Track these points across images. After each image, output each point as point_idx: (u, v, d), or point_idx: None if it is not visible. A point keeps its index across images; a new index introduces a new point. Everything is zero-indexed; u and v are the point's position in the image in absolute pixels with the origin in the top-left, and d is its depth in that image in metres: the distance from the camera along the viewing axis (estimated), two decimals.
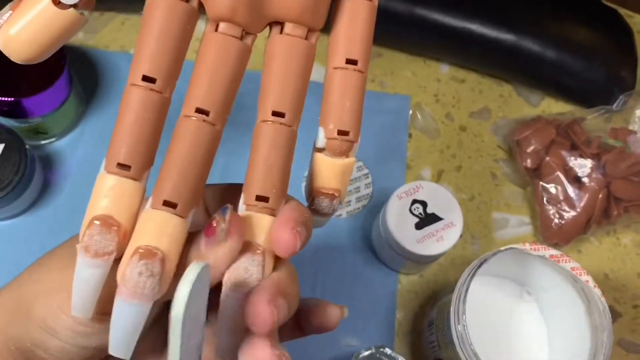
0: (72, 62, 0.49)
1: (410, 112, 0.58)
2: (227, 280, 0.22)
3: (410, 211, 0.46)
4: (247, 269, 0.22)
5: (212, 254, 0.22)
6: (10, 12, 0.23)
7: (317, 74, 0.26)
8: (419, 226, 0.46)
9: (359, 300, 0.50)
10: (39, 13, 0.22)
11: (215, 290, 0.23)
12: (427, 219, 0.46)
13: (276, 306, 0.22)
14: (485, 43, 0.56)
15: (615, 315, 0.52)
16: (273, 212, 0.23)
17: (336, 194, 0.25)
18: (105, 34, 0.57)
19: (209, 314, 0.25)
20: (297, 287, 0.24)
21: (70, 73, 0.49)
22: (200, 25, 0.22)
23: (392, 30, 0.57)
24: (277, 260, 0.24)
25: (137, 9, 0.58)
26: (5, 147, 0.45)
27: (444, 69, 0.60)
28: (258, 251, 0.23)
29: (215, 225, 0.21)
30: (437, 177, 0.55)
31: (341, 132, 0.24)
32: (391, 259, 0.50)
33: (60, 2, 0.22)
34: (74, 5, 0.22)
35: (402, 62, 0.60)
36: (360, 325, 0.49)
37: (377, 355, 0.44)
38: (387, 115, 0.57)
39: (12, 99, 0.45)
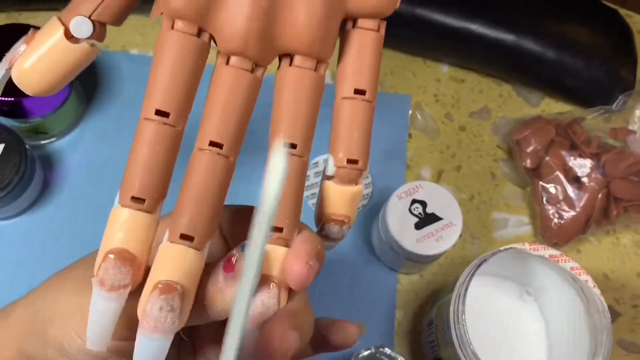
0: None
1: (410, 112, 0.58)
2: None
3: (410, 211, 0.46)
4: (263, 302, 0.23)
5: (230, 289, 0.22)
6: (25, 45, 0.23)
7: None
8: (418, 226, 0.46)
9: (358, 300, 0.50)
10: (51, 47, 0.23)
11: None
12: (426, 219, 0.46)
13: (287, 338, 0.22)
14: (485, 43, 0.56)
15: (614, 315, 0.52)
16: (287, 243, 0.24)
17: (346, 220, 0.26)
18: (106, 34, 0.57)
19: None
20: (310, 317, 0.25)
21: None
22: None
23: (392, 30, 0.57)
24: (291, 290, 0.24)
25: (137, 9, 0.58)
26: (5, 147, 0.45)
27: (444, 69, 0.60)
28: (273, 284, 0.23)
29: (234, 262, 0.22)
30: (437, 177, 0.55)
31: (350, 161, 0.25)
32: (391, 259, 0.50)
33: (72, 36, 0.23)
34: (86, 39, 0.23)
35: (402, 62, 0.60)
36: None
37: (377, 355, 0.44)
38: (387, 115, 0.57)
39: (13, 98, 0.45)
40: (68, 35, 0.23)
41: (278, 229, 0.24)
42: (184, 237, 0.22)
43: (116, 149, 0.52)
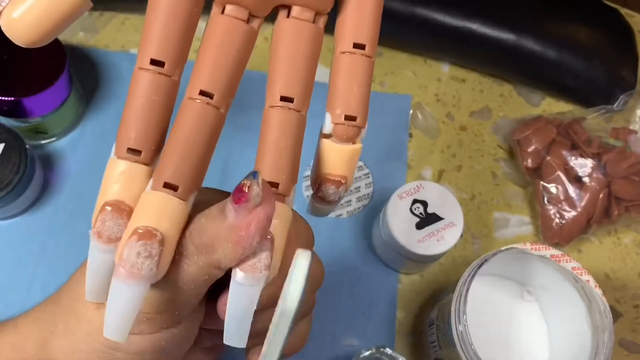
0: (72, 61, 0.49)
1: (411, 111, 0.58)
2: (236, 265, 0.22)
3: (411, 211, 0.46)
4: (256, 253, 0.21)
5: (245, 221, 0.20)
6: None
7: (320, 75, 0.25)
8: (419, 226, 0.45)
9: (359, 300, 0.50)
10: None
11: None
12: (427, 219, 0.46)
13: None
14: (485, 43, 0.56)
15: (616, 315, 0.52)
16: (283, 199, 0.23)
17: (343, 181, 0.25)
18: (106, 34, 0.57)
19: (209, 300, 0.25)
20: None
21: (71, 73, 0.49)
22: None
23: (393, 29, 0.57)
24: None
25: (138, 9, 0.58)
26: (5, 147, 0.45)
27: (445, 69, 0.60)
28: (268, 237, 0.22)
29: (247, 190, 0.20)
30: (438, 177, 0.55)
31: (348, 117, 0.24)
32: (392, 259, 0.49)
33: None
34: None
35: (403, 61, 0.60)
36: (361, 326, 0.49)
37: (378, 355, 0.44)
38: (388, 115, 0.57)
39: (13, 98, 0.45)
40: None
41: (274, 185, 0.23)
42: (168, 185, 0.21)
43: None
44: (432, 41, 0.58)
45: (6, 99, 0.45)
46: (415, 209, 0.46)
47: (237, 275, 0.21)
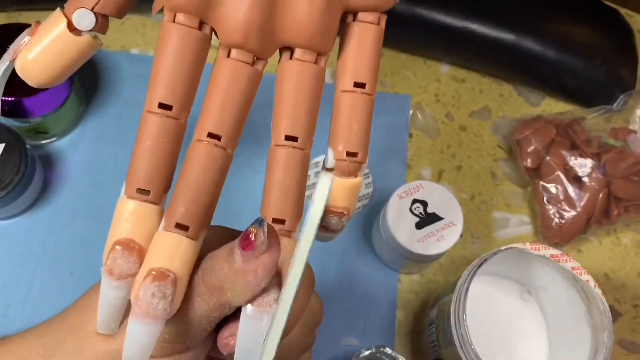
0: None
1: (411, 111, 0.58)
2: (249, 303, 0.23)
3: (411, 211, 0.46)
4: (265, 288, 0.22)
5: (251, 268, 0.22)
6: (28, 37, 0.24)
7: None
8: (419, 226, 0.46)
9: (359, 300, 0.50)
10: (54, 39, 0.23)
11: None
12: (427, 219, 0.46)
13: None
14: (485, 43, 0.56)
15: (615, 314, 0.52)
16: (290, 234, 0.24)
17: (345, 212, 0.26)
18: (106, 34, 0.57)
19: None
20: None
21: None
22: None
23: (392, 30, 0.57)
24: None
25: (138, 9, 0.58)
26: (5, 147, 0.45)
27: (444, 69, 0.60)
28: (276, 275, 0.23)
29: (252, 237, 0.21)
30: (438, 177, 0.55)
31: (350, 154, 0.25)
32: (391, 259, 0.50)
33: (75, 28, 0.23)
34: (89, 31, 0.23)
35: (402, 62, 0.60)
36: (361, 325, 0.49)
37: (378, 355, 0.44)
38: (388, 115, 0.57)
39: (13, 98, 0.45)
40: (71, 28, 0.23)
41: (280, 221, 0.24)
42: (179, 226, 0.22)
43: (116, 148, 0.52)
44: (432, 41, 0.58)
45: (7, 99, 0.45)
46: (415, 209, 0.46)
47: (247, 309, 0.23)
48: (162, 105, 0.22)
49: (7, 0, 0.56)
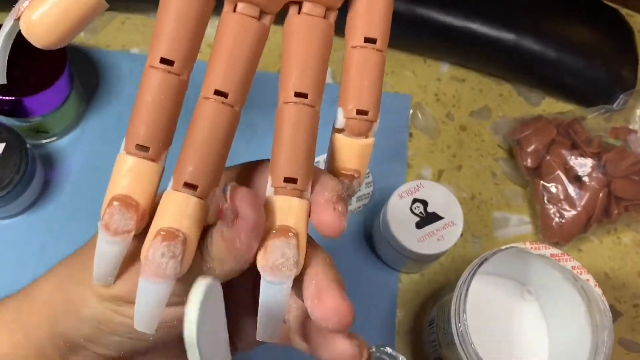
0: (73, 61, 0.49)
1: (411, 111, 0.58)
2: (264, 266, 0.22)
3: (411, 210, 0.46)
4: (284, 252, 0.22)
5: (231, 234, 0.22)
6: None
7: None
8: (419, 225, 0.46)
9: (359, 299, 0.50)
10: None
11: (248, 272, 0.23)
12: (427, 218, 0.46)
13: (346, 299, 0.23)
14: (485, 42, 0.56)
15: (615, 314, 0.52)
16: (302, 194, 0.23)
17: (356, 175, 0.25)
18: (106, 34, 0.57)
19: (242, 306, 0.26)
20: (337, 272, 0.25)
21: (71, 72, 0.49)
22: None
23: (393, 29, 0.57)
24: (309, 246, 0.24)
25: (138, 9, 0.58)
26: (6, 146, 0.45)
27: (444, 69, 0.60)
28: (291, 234, 0.22)
29: (221, 207, 0.21)
30: (438, 176, 0.55)
31: (360, 112, 0.24)
32: (392, 258, 0.50)
33: None
34: None
35: (403, 61, 0.60)
36: (361, 325, 0.49)
37: (378, 354, 0.44)
38: (388, 115, 0.57)
39: (13, 98, 0.45)
40: None
41: (292, 180, 0.23)
42: (188, 185, 0.22)
43: (116, 148, 0.52)
44: (432, 41, 0.58)
45: (7, 98, 0.45)
46: (415, 209, 0.46)
47: (265, 275, 0.22)
48: (164, 60, 0.22)
49: (7, 0, 0.55)
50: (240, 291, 0.28)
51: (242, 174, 0.26)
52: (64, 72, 0.47)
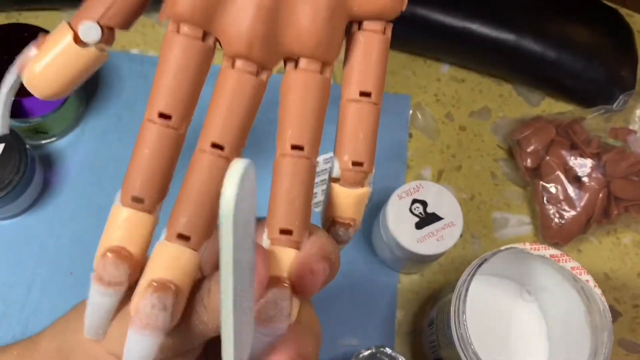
0: None
1: (411, 111, 0.58)
2: (257, 318, 0.22)
3: (411, 211, 0.46)
4: (277, 303, 0.22)
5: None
6: (35, 49, 0.24)
7: None
8: (419, 226, 0.46)
9: (359, 300, 0.50)
10: (61, 52, 0.23)
11: None
12: (427, 219, 0.46)
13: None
14: (485, 43, 0.56)
15: (615, 314, 0.52)
16: (297, 245, 0.24)
17: (352, 223, 0.26)
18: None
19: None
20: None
21: None
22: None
23: (393, 30, 0.57)
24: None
25: None
26: (5, 147, 0.45)
27: (444, 69, 0.60)
28: (285, 285, 0.23)
29: None
30: (437, 177, 0.55)
31: (355, 163, 0.25)
32: (391, 259, 0.50)
33: (81, 40, 0.23)
34: (95, 44, 0.23)
35: (402, 61, 0.60)
36: (361, 325, 0.49)
37: (378, 355, 0.44)
38: (387, 115, 0.57)
39: (13, 98, 0.45)
40: (77, 40, 0.23)
41: (287, 232, 0.24)
42: (181, 236, 0.22)
43: (116, 148, 0.52)
44: (432, 41, 0.58)
45: None
46: (414, 209, 0.46)
47: (259, 326, 0.22)
48: (162, 115, 0.22)
49: (7, 0, 0.56)
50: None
51: None
52: None
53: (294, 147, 0.24)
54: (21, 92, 0.48)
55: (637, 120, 0.56)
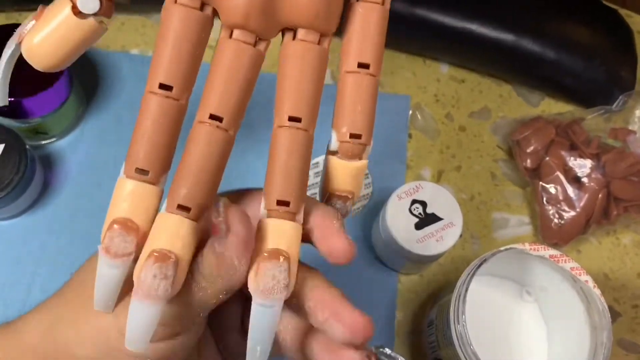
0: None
1: (410, 112, 0.58)
2: (255, 289, 0.23)
3: (410, 211, 0.46)
4: (274, 276, 0.23)
5: (223, 249, 0.22)
6: (34, 21, 0.24)
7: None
8: (418, 226, 0.46)
9: (359, 300, 0.49)
10: (60, 23, 0.23)
11: (237, 297, 0.24)
12: (426, 219, 0.46)
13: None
14: (485, 43, 0.56)
15: (614, 315, 0.52)
16: (294, 217, 0.24)
17: (350, 196, 0.26)
18: (106, 34, 0.57)
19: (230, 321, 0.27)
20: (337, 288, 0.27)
21: (71, 73, 0.49)
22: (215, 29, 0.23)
23: (392, 30, 0.57)
24: (306, 268, 0.25)
25: (137, 10, 0.58)
26: (5, 147, 0.45)
27: (444, 69, 0.60)
28: (282, 257, 0.23)
29: (213, 219, 0.22)
30: (437, 177, 0.55)
31: (353, 135, 0.25)
32: (391, 259, 0.50)
33: (80, 12, 0.23)
34: (94, 15, 0.23)
35: (402, 62, 0.60)
36: None
37: (377, 355, 0.44)
38: (387, 116, 0.57)
39: (12, 99, 0.45)
40: (76, 12, 0.23)
41: (284, 203, 0.24)
42: (181, 207, 0.22)
43: (116, 149, 0.52)
44: (431, 41, 0.58)
45: None
46: (414, 209, 0.46)
47: (256, 297, 0.23)
48: (162, 86, 0.22)
49: (7, 0, 0.56)
50: (229, 314, 0.29)
51: (235, 199, 0.27)
52: (64, 73, 0.47)
53: (291, 118, 0.24)
54: (21, 92, 0.48)
55: (636, 121, 0.56)
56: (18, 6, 0.56)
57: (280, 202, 0.24)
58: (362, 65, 0.25)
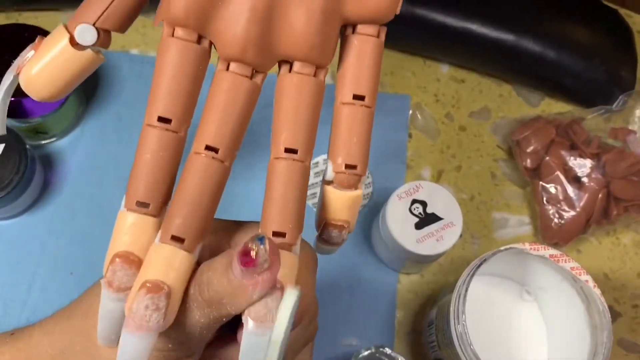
0: None
1: (410, 112, 0.58)
2: (247, 316, 0.23)
3: (410, 211, 0.46)
4: (267, 304, 0.22)
5: (252, 282, 0.22)
6: (32, 52, 0.24)
7: None
8: (418, 226, 0.46)
9: (359, 300, 0.50)
10: (57, 54, 0.23)
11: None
12: (427, 219, 0.46)
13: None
14: (485, 43, 0.56)
15: (614, 315, 0.52)
16: (290, 248, 0.24)
17: (345, 225, 0.26)
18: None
19: (219, 345, 0.27)
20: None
21: None
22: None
23: (392, 30, 0.57)
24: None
25: None
26: (5, 147, 0.45)
27: (444, 69, 0.60)
28: (277, 286, 0.23)
29: (254, 255, 0.21)
30: (437, 177, 0.55)
31: (349, 166, 0.25)
32: (391, 259, 0.50)
33: (77, 43, 0.23)
34: (91, 46, 0.23)
35: (402, 62, 0.60)
36: (360, 325, 0.49)
37: (377, 355, 0.44)
38: (387, 115, 0.57)
39: (13, 98, 0.45)
40: (73, 43, 0.23)
41: (281, 234, 0.24)
42: (175, 238, 0.22)
43: (116, 148, 0.52)
44: (431, 41, 0.58)
45: None
46: (414, 209, 0.46)
47: (249, 325, 0.22)
48: (161, 119, 0.23)
49: (7, 0, 0.56)
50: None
51: (234, 229, 0.27)
52: None
53: (287, 150, 0.24)
54: (21, 92, 0.48)
55: (636, 121, 0.56)
56: (18, 6, 0.56)
57: (276, 234, 0.24)
58: (357, 97, 0.25)
